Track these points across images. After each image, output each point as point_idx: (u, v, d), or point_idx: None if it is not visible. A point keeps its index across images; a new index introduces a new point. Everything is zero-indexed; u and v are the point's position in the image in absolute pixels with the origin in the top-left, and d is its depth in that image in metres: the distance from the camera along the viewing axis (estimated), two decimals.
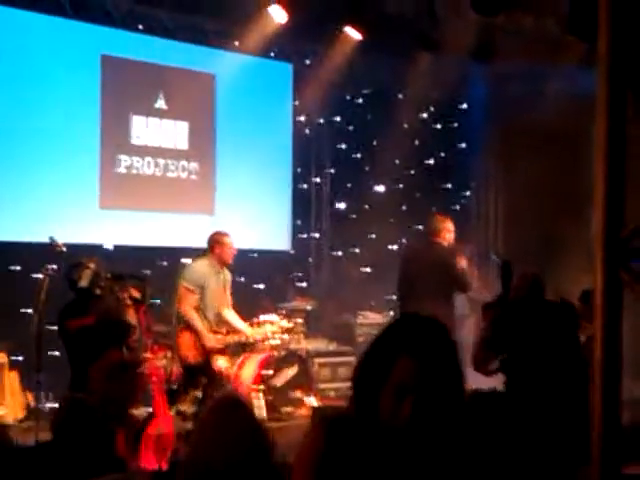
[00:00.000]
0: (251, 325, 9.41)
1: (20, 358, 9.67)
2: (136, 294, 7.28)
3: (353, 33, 11.09)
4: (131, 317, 7.34)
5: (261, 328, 9.54)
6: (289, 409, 9.85)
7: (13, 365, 9.57)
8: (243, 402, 3.15)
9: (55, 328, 9.32)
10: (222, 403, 3.19)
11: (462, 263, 9.48)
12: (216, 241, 8.84)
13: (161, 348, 8.62)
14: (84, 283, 7.21)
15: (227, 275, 8.97)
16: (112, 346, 7.41)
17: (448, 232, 9.58)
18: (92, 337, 7.19)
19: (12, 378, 9.15)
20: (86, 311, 7.25)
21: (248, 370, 9.75)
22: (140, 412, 6.86)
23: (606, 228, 1.68)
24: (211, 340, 8.59)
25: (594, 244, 1.70)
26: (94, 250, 10.43)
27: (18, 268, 10.31)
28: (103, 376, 5.22)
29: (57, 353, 10.03)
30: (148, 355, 7.38)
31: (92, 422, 4.43)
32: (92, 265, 7.40)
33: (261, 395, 9.54)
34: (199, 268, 8.75)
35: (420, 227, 13.80)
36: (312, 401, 9.99)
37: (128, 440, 6.27)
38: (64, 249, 8.07)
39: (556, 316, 6.03)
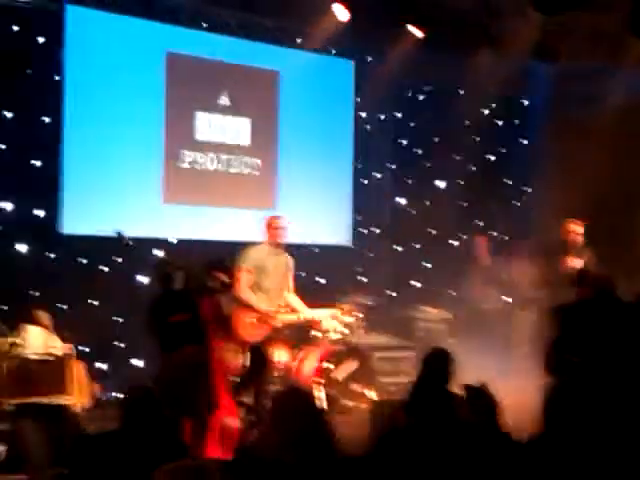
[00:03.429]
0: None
1: (87, 349, 9.87)
2: (226, 279, 7.39)
3: (414, 31, 11.13)
4: (226, 305, 7.47)
5: (321, 311, 9.54)
6: (350, 402, 9.92)
7: (80, 356, 9.77)
8: (308, 395, 3.25)
9: (120, 320, 9.53)
10: (289, 395, 3.29)
11: (582, 264, 9.85)
12: (267, 224, 8.96)
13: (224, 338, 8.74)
14: (179, 285, 7.34)
15: (289, 259, 9.02)
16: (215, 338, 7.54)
17: (571, 234, 10.29)
18: (190, 332, 7.30)
19: (79, 368, 9.33)
20: (183, 308, 7.35)
21: (309, 363, 9.86)
22: (206, 402, 6.99)
23: None
24: (270, 314, 8.62)
25: None
26: (158, 244, 10.67)
27: (84, 261, 10.51)
28: (174, 367, 5.34)
29: (122, 345, 10.27)
30: (214, 345, 7.49)
31: (160, 411, 4.55)
32: (182, 264, 7.56)
33: (322, 388, 9.64)
34: (255, 250, 8.84)
35: (481, 223, 13.81)
36: (372, 395, 10.06)
37: (195, 429, 6.40)
38: (131, 242, 8.24)
39: (630, 316, 5.94)
